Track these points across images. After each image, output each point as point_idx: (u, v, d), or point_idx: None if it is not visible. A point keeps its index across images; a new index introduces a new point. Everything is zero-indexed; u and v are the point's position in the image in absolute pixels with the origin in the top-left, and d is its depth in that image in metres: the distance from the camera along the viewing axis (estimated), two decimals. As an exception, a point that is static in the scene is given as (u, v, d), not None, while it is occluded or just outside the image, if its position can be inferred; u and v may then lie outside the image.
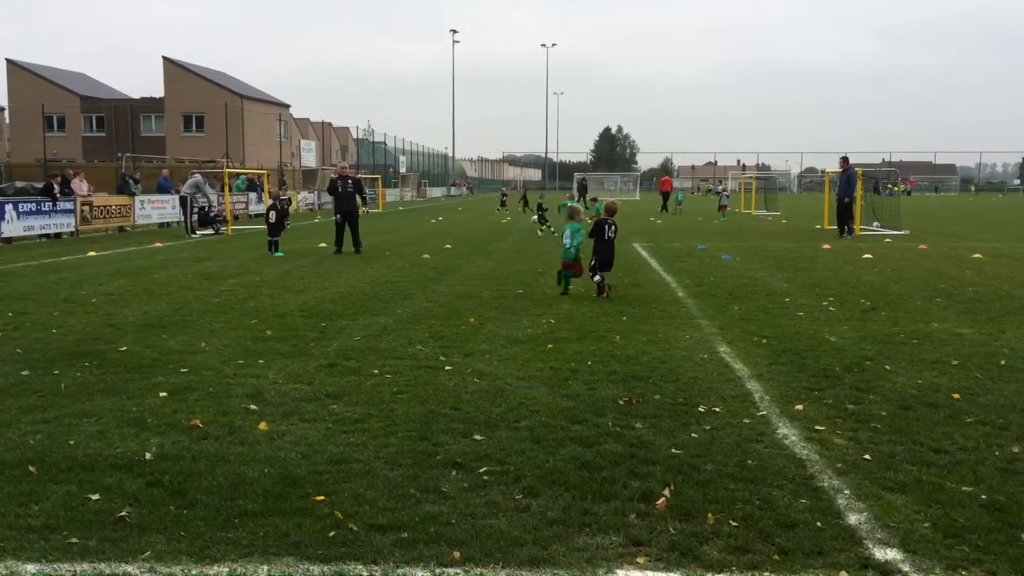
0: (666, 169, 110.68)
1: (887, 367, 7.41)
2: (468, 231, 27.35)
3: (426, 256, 17.98)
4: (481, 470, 4.82)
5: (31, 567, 3.67)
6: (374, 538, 3.93)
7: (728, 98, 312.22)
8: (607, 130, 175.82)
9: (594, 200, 26.36)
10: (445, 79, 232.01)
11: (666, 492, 4.44)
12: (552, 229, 24.94)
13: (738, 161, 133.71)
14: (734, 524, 4.10)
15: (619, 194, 77.24)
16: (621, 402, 6.24)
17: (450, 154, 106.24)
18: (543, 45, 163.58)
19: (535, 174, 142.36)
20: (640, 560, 3.74)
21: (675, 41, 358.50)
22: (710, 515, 4.18)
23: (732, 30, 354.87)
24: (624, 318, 9.95)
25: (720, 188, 58.94)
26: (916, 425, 5.71)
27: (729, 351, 8.11)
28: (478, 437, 5.42)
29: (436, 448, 5.22)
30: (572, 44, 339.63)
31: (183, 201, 26.31)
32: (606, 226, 11.81)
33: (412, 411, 6.01)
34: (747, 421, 5.81)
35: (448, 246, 20.74)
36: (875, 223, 27.21)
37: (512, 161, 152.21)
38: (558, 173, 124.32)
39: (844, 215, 24.45)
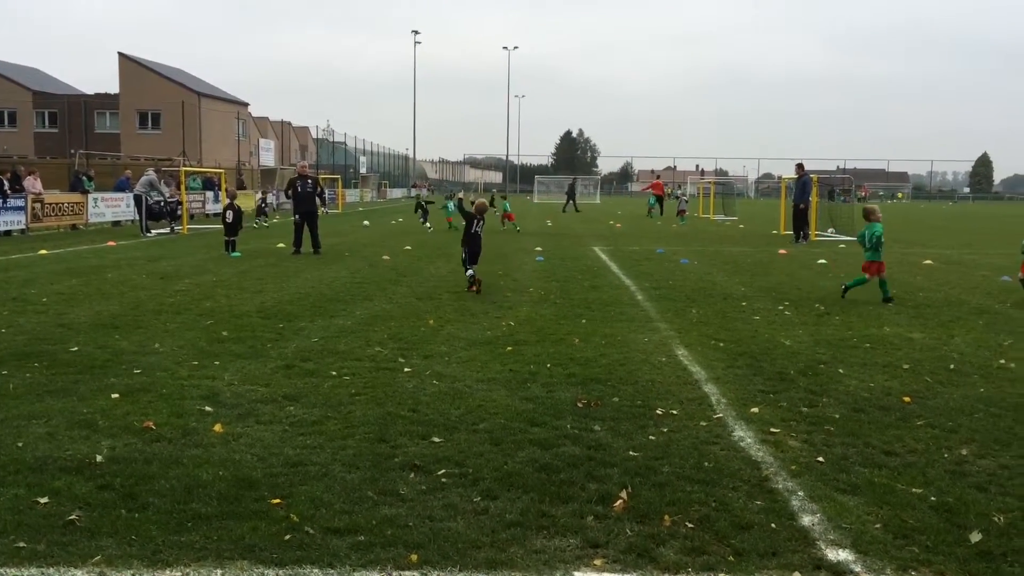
0: (655, 173, 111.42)
1: (840, 371, 7.53)
2: (427, 234, 27.25)
3: (386, 257, 17.90)
4: (439, 472, 4.80)
5: (-24, 572, 3.58)
6: (330, 541, 3.90)
7: (687, 103, 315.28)
8: (568, 133, 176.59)
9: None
10: (407, 80, 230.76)
11: (623, 494, 4.46)
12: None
13: (697, 166, 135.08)
14: (690, 526, 4.13)
15: (579, 198, 77.44)
16: (580, 404, 6.26)
17: (411, 155, 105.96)
18: (505, 48, 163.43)
19: (496, 176, 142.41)
20: (598, 562, 3.76)
21: (637, 46, 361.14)
22: (667, 517, 4.21)
23: (693, 37, 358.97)
24: (583, 321, 9.99)
25: (679, 192, 59.46)
26: (868, 428, 5.81)
27: (687, 354, 8.19)
28: (436, 439, 5.41)
29: (394, 450, 5.19)
30: (535, 47, 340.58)
31: (137, 200, 25.89)
32: (474, 221, 12.63)
33: (370, 413, 5.97)
34: (704, 424, 5.86)
35: (408, 247, 20.67)
36: (830, 229, 27.66)
37: (473, 163, 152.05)
38: (519, 175, 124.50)
39: (799, 221, 24.84)
